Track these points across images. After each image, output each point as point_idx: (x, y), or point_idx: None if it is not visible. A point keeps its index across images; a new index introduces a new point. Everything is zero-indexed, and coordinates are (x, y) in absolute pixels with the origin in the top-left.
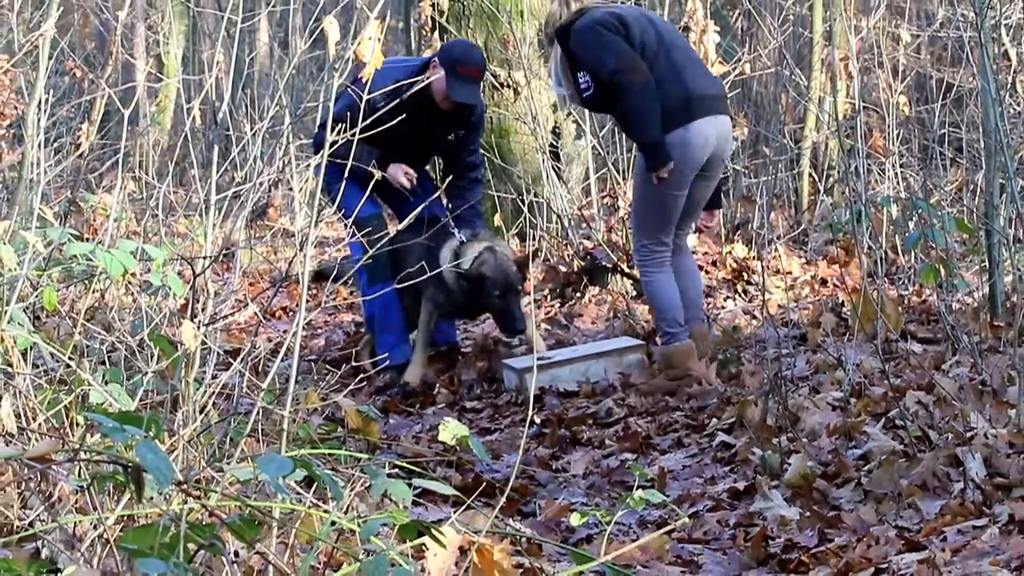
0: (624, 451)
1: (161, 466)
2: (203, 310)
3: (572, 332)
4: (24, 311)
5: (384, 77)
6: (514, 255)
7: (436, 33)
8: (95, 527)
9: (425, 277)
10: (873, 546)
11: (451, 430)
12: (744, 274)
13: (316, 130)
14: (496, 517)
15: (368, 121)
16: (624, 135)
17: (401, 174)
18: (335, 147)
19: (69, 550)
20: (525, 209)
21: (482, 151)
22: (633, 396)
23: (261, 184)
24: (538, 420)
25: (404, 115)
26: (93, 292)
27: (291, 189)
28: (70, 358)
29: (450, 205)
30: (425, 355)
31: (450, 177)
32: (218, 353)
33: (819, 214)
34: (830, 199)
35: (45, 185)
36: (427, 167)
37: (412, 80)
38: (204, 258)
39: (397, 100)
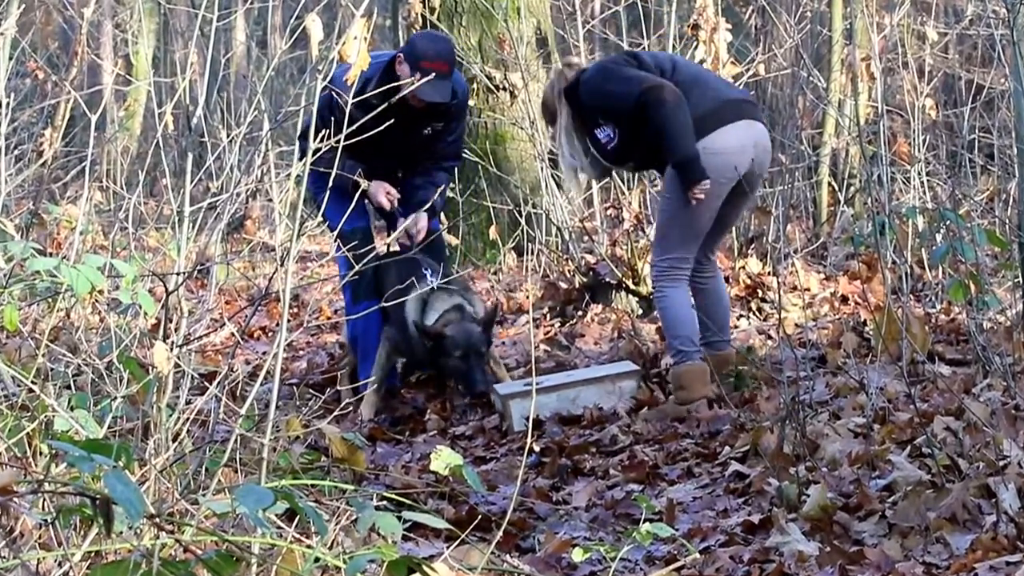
0: (630, 481)
1: (131, 498)
2: (176, 330)
3: (573, 354)
4: None
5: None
6: (484, 309)
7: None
8: (60, 564)
9: (396, 302)
10: None
11: (443, 459)
12: (758, 291)
13: (298, 138)
14: (492, 553)
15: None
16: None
17: (382, 194)
18: (318, 155)
19: None
20: (523, 221)
21: (476, 159)
22: (640, 422)
23: (238, 194)
24: (537, 448)
25: (374, 116)
26: (58, 311)
27: (270, 200)
28: (33, 382)
29: (416, 181)
30: (379, 396)
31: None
32: (192, 377)
33: (839, 226)
34: (851, 210)
35: (5, 196)
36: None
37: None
38: (177, 274)
39: (362, 99)
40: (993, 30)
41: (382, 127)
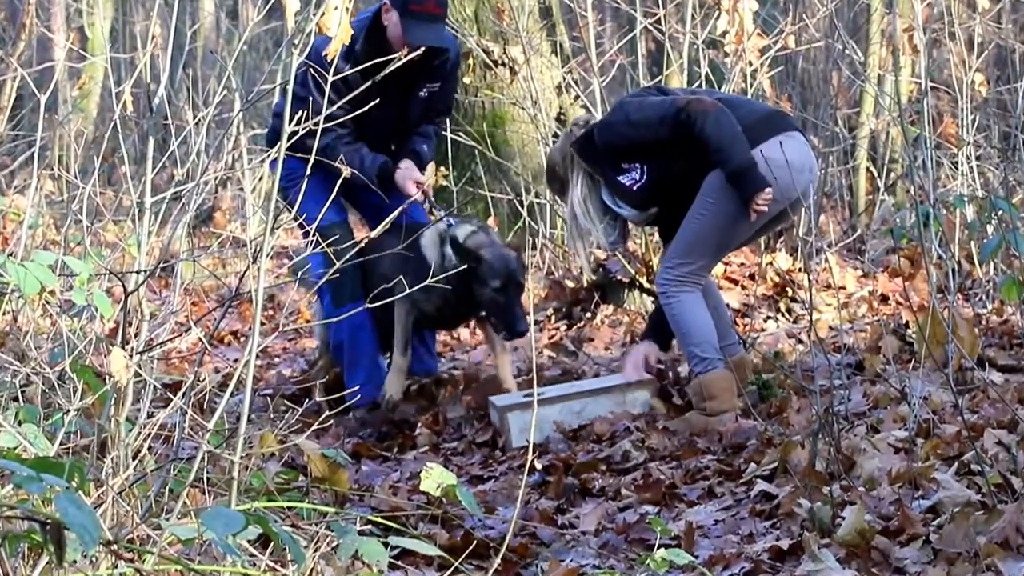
0: (644, 503)
1: (86, 523)
2: (136, 335)
3: (580, 360)
4: None
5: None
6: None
7: None
8: None
9: (404, 295)
10: None
11: (435, 478)
12: (788, 290)
13: (272, 119)
14: None
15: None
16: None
17: (411, 183)
18: (295, 139)
19: None
20: (524, 212)
21: (473, 143)
22: (655, 436)
23: (206, 183)
24: (540, 466)
25: (367, 79)
26: (3, 314)
27: (242, 189)
28: None
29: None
30: (406, 361)
31: (431, 176)
32: (155, 387)
33: (878, 217)
34: (892, 199)
35: None
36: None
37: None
38: (137, 273)
39: (355, 59)
40: None
41: (375, 92)
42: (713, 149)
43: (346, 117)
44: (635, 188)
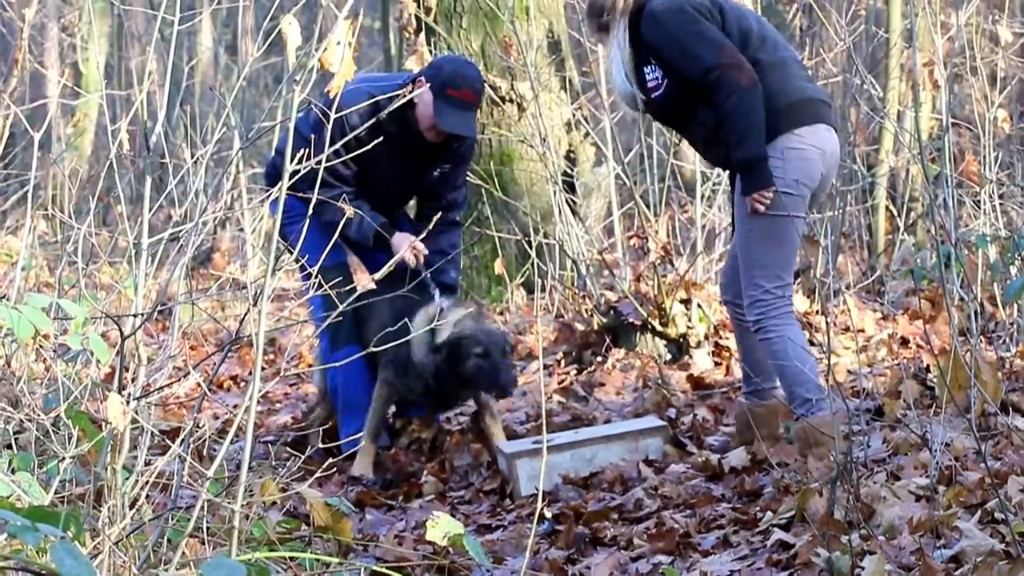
0: (657, 552)
1: (82, 574)
2: (133, 380)
3: (591, 406)
4: None
5: (357, 96)
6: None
7: (422, 35)
8: None
9: (390, 346)
10: None
11: (442, 527)
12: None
13: (272, 155)
14: None
15: (339, 144)
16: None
17: (408, 247)
18: (297, 178)
19: None
20: (533, 253)
21: (479, 182)
22: (668, 484)
23: (204, 224)
24: (549, 515)
25: (382, 143)
26: None
27: (241, 230)
28: None
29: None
30: (374, 448)
31: (430, 225)
32: (152, 434)
33: (898, 257)
34: (912, 239)
35: None
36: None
37: (392, 95)
38: (134, 316)
39: (374, 121)
40: None
41: (387, 160)
42: (729, 128)
43: (341, 167)
44: (655, 94)
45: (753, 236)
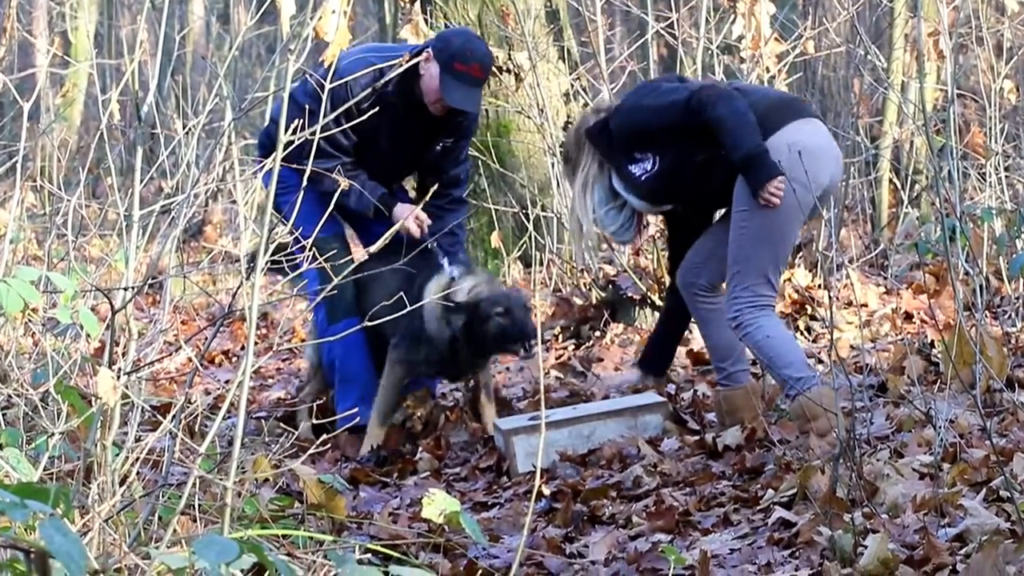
0: (656, 531)
1: (72, 551)
2: (124, 355)
3: (589, 382)
4: None
5: (360, 66)
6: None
7: (417, 4)
8: None
9: (397, 319)
10: None
11: (437, 505)
12: (807, 307)
13: (267, 124)
14: None
15: (340, 111)
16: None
17: (412, 219)
18: (292, 148)
19: None
20: (530, 226)
21: (476, 154)
22: (668, 461)
23: (196, 196)
24: (547, 492)
25: (384, 115)
26: None
27: (234, 202)
28: None
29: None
30: (383, 427)
31: (428, 195)
32: (143, 409)
33: (902, 231)
34: (916, 212)
35: None
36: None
37: (395, 65)
38: (125, 289)
39: (377, 90)
40: None
41: (388, 133)
42: (723, 134)
43: (341, 138)
44: (644, 178)
45: (746, 234)
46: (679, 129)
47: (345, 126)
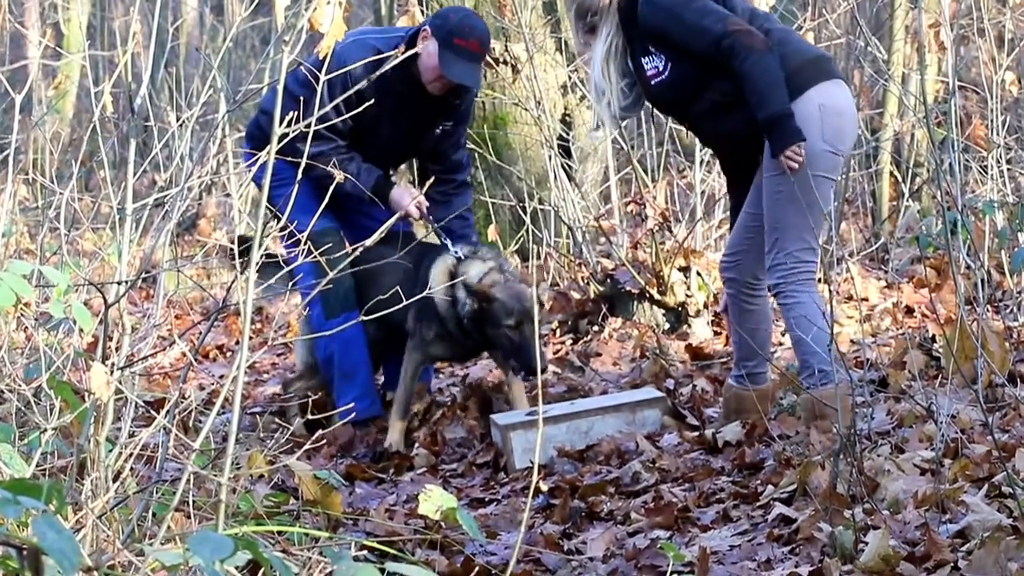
0: (655, 527)
1: (65, 548)
2: (117, 350)
3: (587, 376)
4: None
5: (359, 48)
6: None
7: None
8: None
9: (403, 305)
10: None
11: (434, 501)
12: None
13: (256, 114)
14: None
15: (340, 98)
16: (701, 129)
17: (410, 200)
18: (286, 141)
19: None
20: (527, 219)
21: (473, 146)
22: (666, 457)
23: (190, 189)
24: (545, 488)
25: (383, 99)
26: None
27: (228, 195)
28: None
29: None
30: (406, 419)
31: (430, 180)
32: (137, 404)
33: (903, 224)
34: (917, 205)
35: None
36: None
37: (389, 56)
38: (118, 283)
39: (379, 73)
40: None
41: (387, 117)
42: (749, 89)
43: (338, 122)
44: (653, 81)
45: (781, 198)
46: (702, 52)
47: (346, 116)
